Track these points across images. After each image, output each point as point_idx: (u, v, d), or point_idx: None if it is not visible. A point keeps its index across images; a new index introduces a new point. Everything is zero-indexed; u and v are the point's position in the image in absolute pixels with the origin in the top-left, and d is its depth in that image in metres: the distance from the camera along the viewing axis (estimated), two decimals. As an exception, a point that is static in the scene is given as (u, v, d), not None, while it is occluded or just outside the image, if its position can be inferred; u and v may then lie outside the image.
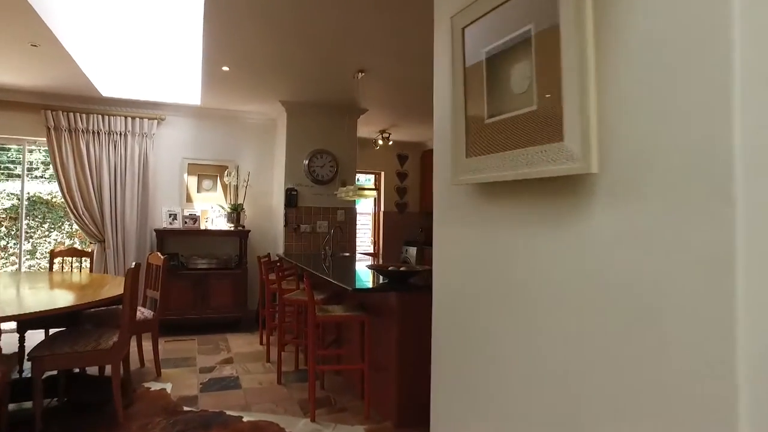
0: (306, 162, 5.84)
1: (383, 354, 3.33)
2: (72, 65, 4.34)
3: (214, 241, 5.97)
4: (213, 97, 5.50)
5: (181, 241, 5.78)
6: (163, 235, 5.52)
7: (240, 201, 6.00)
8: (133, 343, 4.19)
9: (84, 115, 5.31)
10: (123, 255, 5.42)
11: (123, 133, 5.48)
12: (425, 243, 8.32)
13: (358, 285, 3.22)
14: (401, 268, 3.40)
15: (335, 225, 5.89)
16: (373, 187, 4.17)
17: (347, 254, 5.83)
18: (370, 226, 9.01)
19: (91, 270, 4.78)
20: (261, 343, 5.07)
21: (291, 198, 5.76)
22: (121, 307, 3.19)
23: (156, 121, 5.68)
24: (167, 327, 5.36)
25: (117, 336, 3.04)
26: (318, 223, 5.95)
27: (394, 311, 3.16)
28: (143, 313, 3.89)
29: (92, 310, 3.67)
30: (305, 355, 4.52)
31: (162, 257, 4.04)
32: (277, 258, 5.67)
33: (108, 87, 5.13)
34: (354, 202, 6.19)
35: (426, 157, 8.77)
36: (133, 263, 3.17)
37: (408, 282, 3.33)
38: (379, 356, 3.38)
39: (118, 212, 5.40)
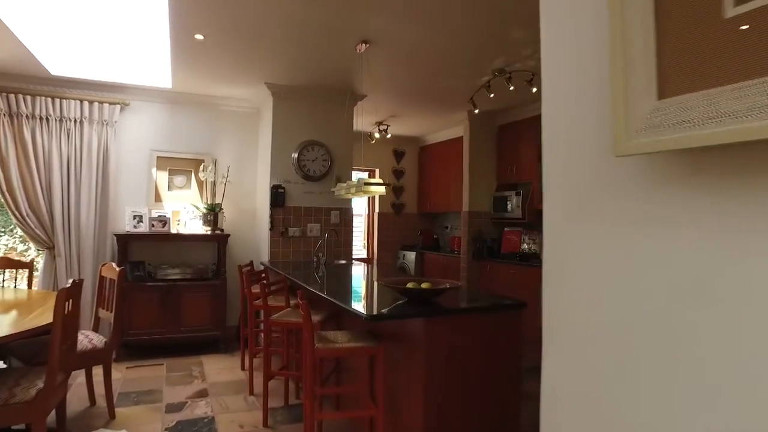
0: (295, 155, 5.05)
1: (403, 395, 2.57)
2: (8, 36, 3.50)
3: (187, 248, 5.14)
4: (186, 78, 4.68)
5: (148, 248, 4.94)
6: (126, 240, 4.68)
7: (218, 200, 5.18)
8: (81, 377, 3.37)
9: (28, 98, 4.44)
10: (78, 264, 4.55)
11: (78, 120, 4.62)
12: (425, 247, 7.58)
13: (373, 311, 2.45)
14: (422, 285, 2.65)
15: (329, 228, 5.11)
16: (382, 181, 3.39)
17: (343, 262, 5.06)
18: (363, 228, 8.24)
19: (29, 285, 3.91)
20: (243, 368, 4.26)
21: (277, 197, 4.97)
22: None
23: (118, 107, 4.83)
24: (131, 349, 4.52)
25: (43, 380, 2.22)
26: (309, 226, 5.16)
27: (420, 341, 2.40)
28: (92, 340, 3.06)
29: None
30: (297, 385, 3.73)
31: (118, 268, 3.22)
32: (261, 267, 4.87)
33: (58, 64, 4.28)
34: (350, 200, 5.42)
35: (425, 152, 8.04)
36: (71, 281, 2.36)
37: (433, 303, 2.59)
38: (396, 398, 2.62)
39: (71, 214, 4.54)
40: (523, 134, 5.80)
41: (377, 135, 6.97)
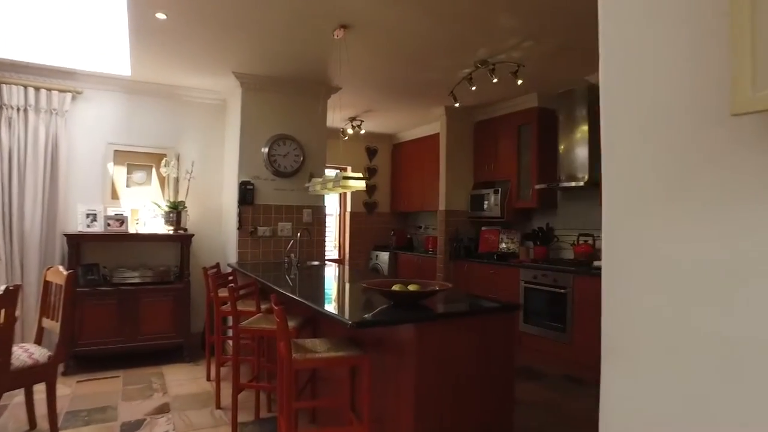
0: (265, 150, 4.75)
1: (390, 407, 2.33)
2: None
3: (147, 249, 4.76)
4: (146, 64, 4.32)
5: (103, 249, 4.54)
6: (77, 241, 4.27)
7: (181, 198, 4.82)
8: (21, 396, 2.99)
9: (-35, 82, 4.00)
10: (20, 269, 4.13)
11: (22, 108, 4.19)
12: (398, 248, 7.37)
13: (358, 317, 2.20)
14: (410, 287, 2.42)
15: (301, 227, 4.83)
16: (362, 175, 3.14)
17: (316, 263, 4.78)
18: (335, 228, 7.97)
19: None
20: (209, 379, 3.93)
21: (246, 194, 4.65)
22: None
23: (70, 95, 4.42)
24: (83, 361, 4.13)
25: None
26: (280, 225, 4.87)
27: (410, 348, 2.18)
28: (32, 355, 2.69)
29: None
30: (268, 397, 3.45)
31: (66, 272, 2.87)
32: (229, 269, 4.55)
33: None
34: (322, 198, 5.15)
35: (398, 150, 7.83)
36: (2, 287, 2.02)
37: (422, 306, 2.36)
38: (382, 410, 2.38)
39: (14, 212, 4.11)
40: (502, 131, 5.66)
41: (350, 131, 6.72)
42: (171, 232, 4.62)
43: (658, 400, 0.75)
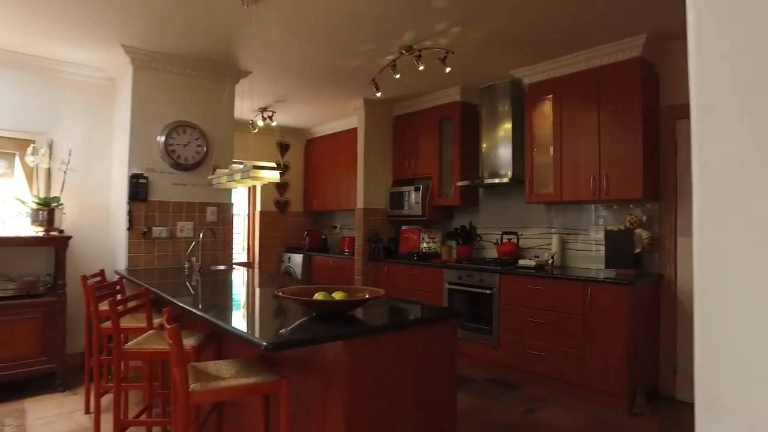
0: (162, 139, 4.12)
1: (314, 441, 1.95)
2: None
3: (8, 255, 3.93)
4: (10, 31, 3.54)
5: (-53, 255, 3.67)
6: None
7: (55, 193, 4.05)
8: None
9: None
10: None
11: None
12: (312, 249, 6.94)
13: (271, 335, 1.79)
14: (335, 295, 2.06)
15: (205, 227, 4.26)
16: (275, 165, 2.70)
17: (222, 267, 4.24)
18: (243, 229, 7.35)
19: None
20: (87, 411, 3.27)
21: (138, 189, 4.00)
22: None
23: None
24: None
25: None
26: (180, 225, 4.26)
27: (339, 367, 1.81)
28: None
29: None
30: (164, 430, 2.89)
31: None
32: (117, 277, 3.87)
33: None
34: (229, 194, 4.61)
35: (313, 145, 7.40)
36: None
37: (351, 318, 2.01)
38: (305, 446, 1.99)
39: None
40: (422, 126, 5.45)
41: (261, 123, 6.18)
42: (41, 234, 3.84)
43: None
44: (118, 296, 3.06)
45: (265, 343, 1.56)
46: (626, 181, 3.65)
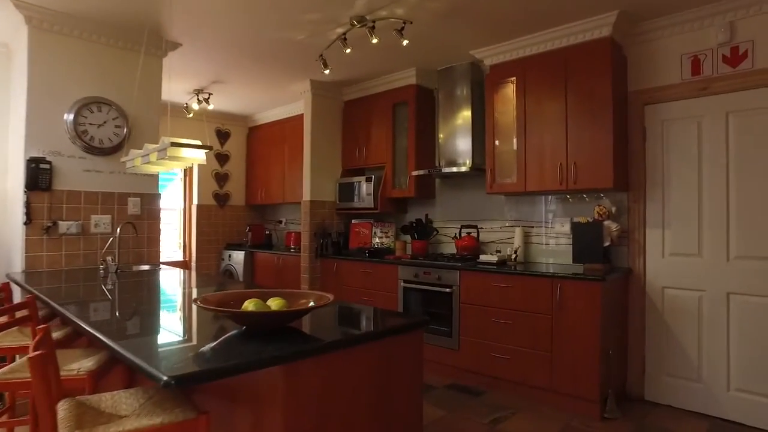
0: (70, 117, 3.49)
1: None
2: None
3: None
4: None
5: None
6: None
7: (-67, 180, 3.34)
8: None
9: None
10: None
11: None
12: (255, 246, 6.39)
13: (180, 360, 1.31)
14: (271, 302, 1.62)
15: (126, 221, 3.67)
16: (202, 143, 2.20)
17: (146, 267, 3.67)
18: (179, 225, 6.69)
19: None
20: (-32, 447, 2.64)
21: (39, 175, 3.36)
22: None
23: None
24: None
25: None
26: (95, 219, 3.64)
27: (274, 398, 1.37)
28: None
29: None
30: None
31: None
32: (6, 281, 3.22)
33: None
34: (155, 183, 4.02)
35: (255, 134, 6.83)
36: None
37: (291, 331, 1.58)
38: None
39: None
40: (375, 111, 5.03)
41: (196, 106, 5.57)
42: None
43: None
44: None
45: (165, 378, 1.09)
46: (596, 170, 3.40)
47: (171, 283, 2.90)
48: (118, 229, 3.39)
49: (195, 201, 6.57)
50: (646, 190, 3.50)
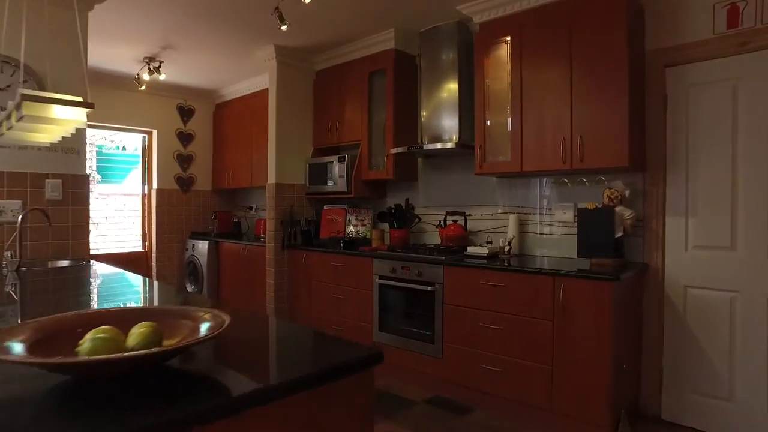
0: (-37, 79, 2.82)
1: None
2: None
3: None
4: None
5: None
6: None
7: None
8: None
9: None
10: None
11: None
12: (221, 235, 5.77)
13: None
14: (132, 335, 1.01)
15: (32, 207, 3.02)
16: (74, 98, 1.54)
17: (65, 263, 3.05)
18: (139, 212, 6.04)
19: None
20: None
21: None
22: None
23: None
24: None
25: None
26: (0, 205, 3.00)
27: None
28: None
29: None
30: None
31: None
32: None
33: None
34: (83, 158, 3.38)
35: (222, 111, 6.16)
36: None
37: (167, 379, 0.96)
38: None
39: None
40: (348, 81, 4.39)
41: (147, 77, 4.89)
42: None
43: None
44: None
45: None
46: (606, 146, 2.80)
47: (84, 288, 2.26)
48: (20, 218, 2.74)
49: (155, 186, 5.91)
50: (666, 170, 2.91)
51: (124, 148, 6.03)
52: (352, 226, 4.55)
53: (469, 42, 3.63)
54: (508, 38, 3.27)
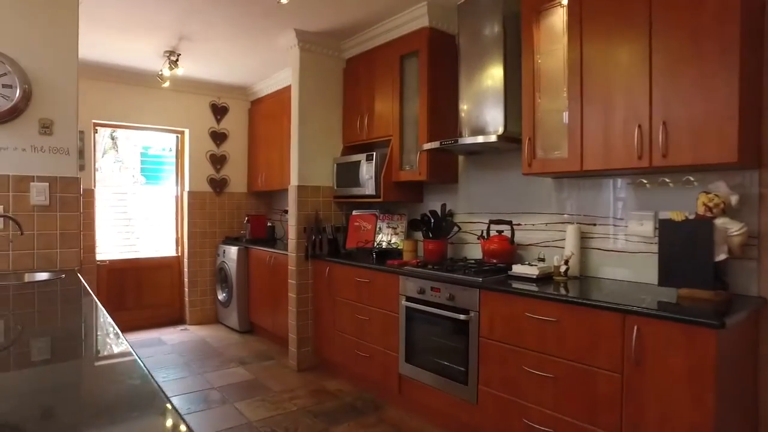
0: (-67, 71, 2.52)
1: None
2: None
3: None
4: None
5: None
6: None
7: None
8: None
9: None
10: None
11: None
12: (252, 241, 5.37)
13: None
14: None
15: (23, 214, 2.68)
16: None
17: (44, 276, 2.69)
18: (173, 215, 5.79)
19: None
20: None
21: None
22: None
23: None
24: None
25: None
26: (-27, 211, 2.68)
27: None
28: None
29: None
30: None
31: None
32: None
33: None
34: (74, 162, 3.02)
35: (257, 108, 5.78)
36: None
37: None
38: None
39: None
40: (378, 67, 3.81)
41: (167, 73, 4.57)
42: None
43: None
44: None
45: None
46: (703, 135, 2.03)
47: (51, 308, 1.84)
48: (-22, 227, 2.40)
49: (187, 188, 5.63)
50: (790, 168, 2.10)
51: (170, 150, 5.81)
52: (382, 235, 3.97)
53: (517, 12, 2.94)
54: (565, 1, 2.55)
